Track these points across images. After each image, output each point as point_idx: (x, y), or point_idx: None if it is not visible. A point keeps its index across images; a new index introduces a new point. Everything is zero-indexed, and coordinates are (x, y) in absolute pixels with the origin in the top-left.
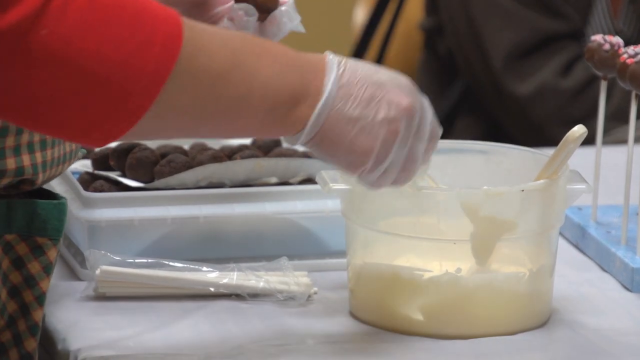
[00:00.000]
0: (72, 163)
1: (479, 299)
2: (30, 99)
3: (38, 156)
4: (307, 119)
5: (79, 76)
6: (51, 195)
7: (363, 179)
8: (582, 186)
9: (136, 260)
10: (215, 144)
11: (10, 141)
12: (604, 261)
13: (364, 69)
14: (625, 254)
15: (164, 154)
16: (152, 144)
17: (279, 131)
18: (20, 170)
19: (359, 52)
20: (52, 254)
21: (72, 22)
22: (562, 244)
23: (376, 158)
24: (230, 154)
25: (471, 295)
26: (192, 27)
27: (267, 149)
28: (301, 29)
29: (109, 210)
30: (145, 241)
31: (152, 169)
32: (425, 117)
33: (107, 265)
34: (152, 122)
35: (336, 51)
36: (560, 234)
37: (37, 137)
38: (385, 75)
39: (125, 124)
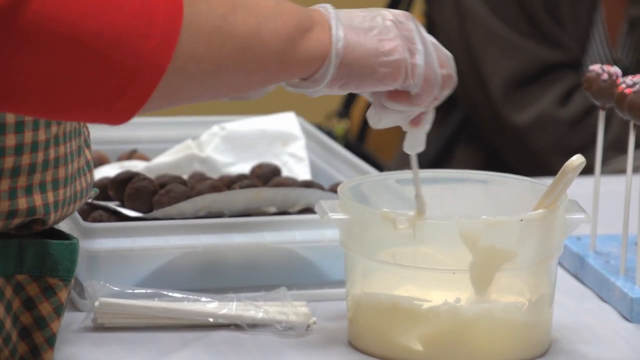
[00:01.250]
0: (84, 202)
1: (479, 329)
2: (38, 84)
3: (50, 196)
4: (326, 40)
5: (83, 44)
6: (62, 235)
7: (413, 89)
8: (580, 216)
9: (135, 291)
10: (214, 173)
11: (22, 181)
12: (603, 291)
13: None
14: (625, 284)
15: (162, 183)
16: (151, 174)
17: (302, 63)
18: (32, 210)
19: None
20: (63, 294)
21: None
22: (561, 273)
23: (409, 52)
24: (229, 184)
25: (470, 325)
26: None
27: (266, 178)
28: None
29: (108, 240)
30: (144, 271)
31: (151, 199)
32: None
33: (105, 297)
34: (175, 77)
35: None
36: (559, 263)
37: (49, 177)
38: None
39: (148, 83)
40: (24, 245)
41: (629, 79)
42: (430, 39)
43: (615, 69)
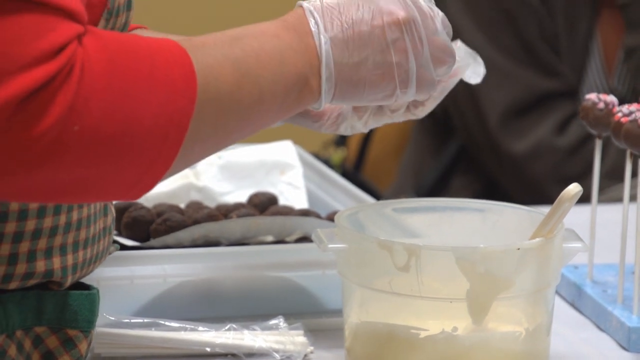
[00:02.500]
0: (103, 261)
1: (476, 358)
2: (73, 183)
3: (69, 258)
4: (319, 88)
5: (115, 150)
6: (82, 286)
7: (411, 100)
8: (577, 245)
9: (132, 320)
10: (211, 202)
11: (42, 243)
12: (601, 320)
13: (341, 4)
14: (622, 313)
15: (159, 212)
16: (148, 203)
17: (299, 108)
18: (49, 273)
19: None
20: (83, 346)
21: (98, 110)
22: (559, 302)
23: (399, 79)
24: (226, 213)
25: (468, 354)
26: (194, 52)
27: (263, 207)
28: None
29: (105, 269)
30: (141, 300)
31: (148, 228)
32: (426, 16)
33: (102, 327)
34: (182, 159)
35: None
36: (557, 292)
37: (70, 239)
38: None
39: (160, 171)
40: (43, 297)
41: (625, 108)
42: (434, 22)
43: (612, 98)
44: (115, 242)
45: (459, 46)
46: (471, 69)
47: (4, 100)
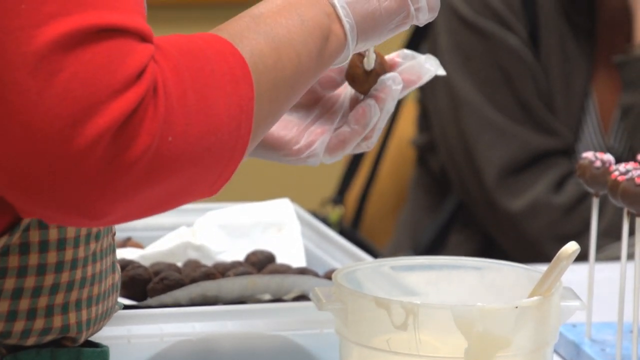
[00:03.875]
0: (111, 318)
1: None
2: (171, 192)
3: (84, 314)
4: (343, 31)
5: (204, 150)
6: (91, 343)
7: (423, 19)
8: (576, 303)
9: None
10: (208, 260)
11: (59, 298)
12: None
13: None
14: None
15: (157, 271)
16: (145, 261)
17: (333, 58)
18: (65, 328)
19: (351, 168)
20: None
21: (182, 116)
22: None
23: None
24: (223, 271)
25: None
26: (231, 38)
27: (260, 265)
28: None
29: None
30: (138, 359)
31: (145, 287)
32: None
33: None
34: (251, 144)
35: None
36: (555, 351)
37: (85, 294)
38: None
39: (237, 160)
40: (57, 354)
41: (622, 167)
42: None
43: (608, 157)
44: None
45: (405, 54)
46: (427, 65)
47: (103, 128)
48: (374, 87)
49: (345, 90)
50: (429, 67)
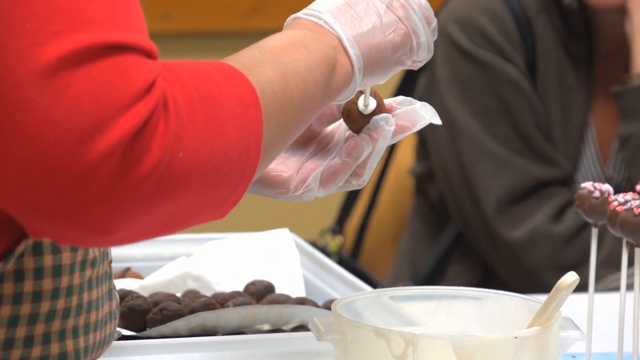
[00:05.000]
0: (109, 346)
1: None
2: (180, 212)
3: (81, 341)
4: (350, 62)
5: (214, 169)
6: None
7: (423, 56)
8: (575, 333)
9: None
10: (207, 291)
11: (56, 325)
12: None
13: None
14: None
15: (156, 302)
16: (144, 292)
17: (340, 88)
18: (63, 355)
19: (350, 198)
20: None
21: (193, 134)
22: None
23: (411, 30)
24: (222, 301)
25: None
26: (238, 65)
27: (259, 295)
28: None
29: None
30: None
31: (145, 317)
32: None
33: None
34: (260, 168)
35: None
36: None
37: (82, 321)
38: None
39: (246, 182)
40: None
41: (621, 197)
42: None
43: (607, 187)
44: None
45: (403, 100)
46: (422, 112)
47: (114, 143)
48: (367, 126)
49: (340, 129)
50: (423, 114)
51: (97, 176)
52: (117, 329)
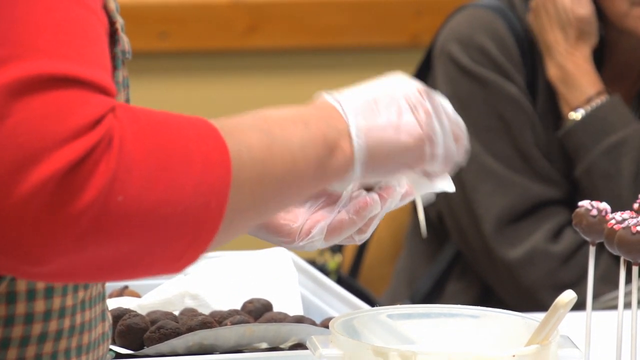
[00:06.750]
0: None
1: None
2: (121, 258)
3: None
4: (351, 150)
5: (160, 219)
6: None
7: (437, 168)
8: (573, 352)
9: None
10: (205, 309)
11: (48, 347)
12: None
13: (358, 88)
14: None
15: (153, 320)
16: (142, 310)
17: (336, 174)
18: None
19: None
20: None
21: (139, 179)
22: None
23: (428, 138)
24: (220, 320)
25: None
26: (220, 126)
27: (257, 314)
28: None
29: None
30: None
31: (142, 336)
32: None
33: None
34: (224, 230)
35: None
36: None
37: (74, 343)
38: (377, 82)
39: (205, 241)
40: None
41: (618, 215)
42: (446, 109)
43: (605, 205)
44: (110, 349)
45: None
46: (439, 182)
47: (47, 175)
48: (379, 184)
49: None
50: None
51: (27, 207)
52: (112, 348)
